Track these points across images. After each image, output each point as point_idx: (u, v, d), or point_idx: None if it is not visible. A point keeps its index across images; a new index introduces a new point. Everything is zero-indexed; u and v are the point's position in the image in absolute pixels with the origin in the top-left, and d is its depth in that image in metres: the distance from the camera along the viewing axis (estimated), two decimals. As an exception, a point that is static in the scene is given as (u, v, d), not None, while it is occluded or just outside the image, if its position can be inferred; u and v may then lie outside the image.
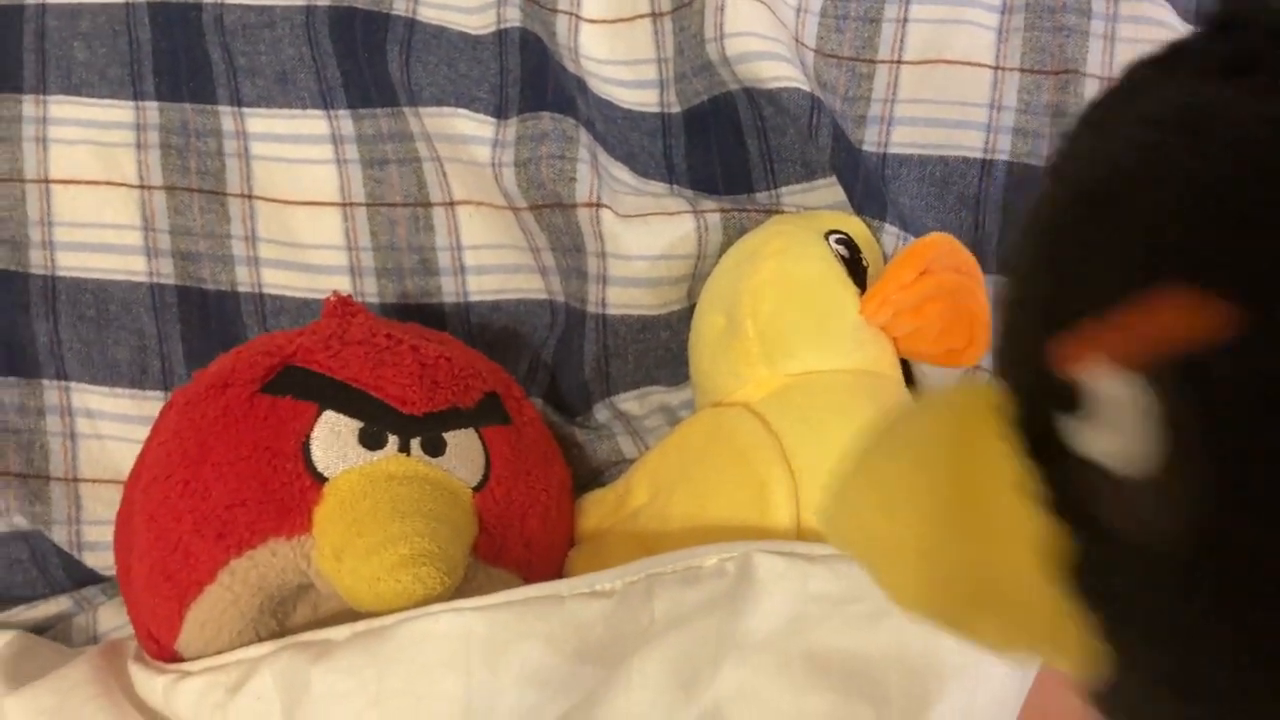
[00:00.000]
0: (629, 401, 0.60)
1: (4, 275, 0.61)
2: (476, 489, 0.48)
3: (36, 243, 0.62)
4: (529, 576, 0.50)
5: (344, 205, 0.62)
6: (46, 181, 0.62)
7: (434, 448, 0.47)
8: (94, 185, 0.62)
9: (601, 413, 0.60)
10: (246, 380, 0.47)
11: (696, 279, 0.57)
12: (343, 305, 0.51)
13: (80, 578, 0.61)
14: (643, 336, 0.58)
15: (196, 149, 0.62)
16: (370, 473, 0.45)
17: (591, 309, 0.58)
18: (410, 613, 0.43)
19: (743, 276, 0.52)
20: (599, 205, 0.57)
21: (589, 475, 0.57)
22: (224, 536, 0.44)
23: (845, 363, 0.51)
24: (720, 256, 0.56)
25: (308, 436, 0.45)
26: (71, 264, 0.62)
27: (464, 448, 0.48)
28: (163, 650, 0.47)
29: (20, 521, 0.60)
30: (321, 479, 0.45)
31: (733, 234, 0.57)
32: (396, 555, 0.42)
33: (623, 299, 0.57)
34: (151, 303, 0.62)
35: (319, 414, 0.46)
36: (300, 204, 0.62)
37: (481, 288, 0.62)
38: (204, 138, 0.62)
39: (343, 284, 0.62)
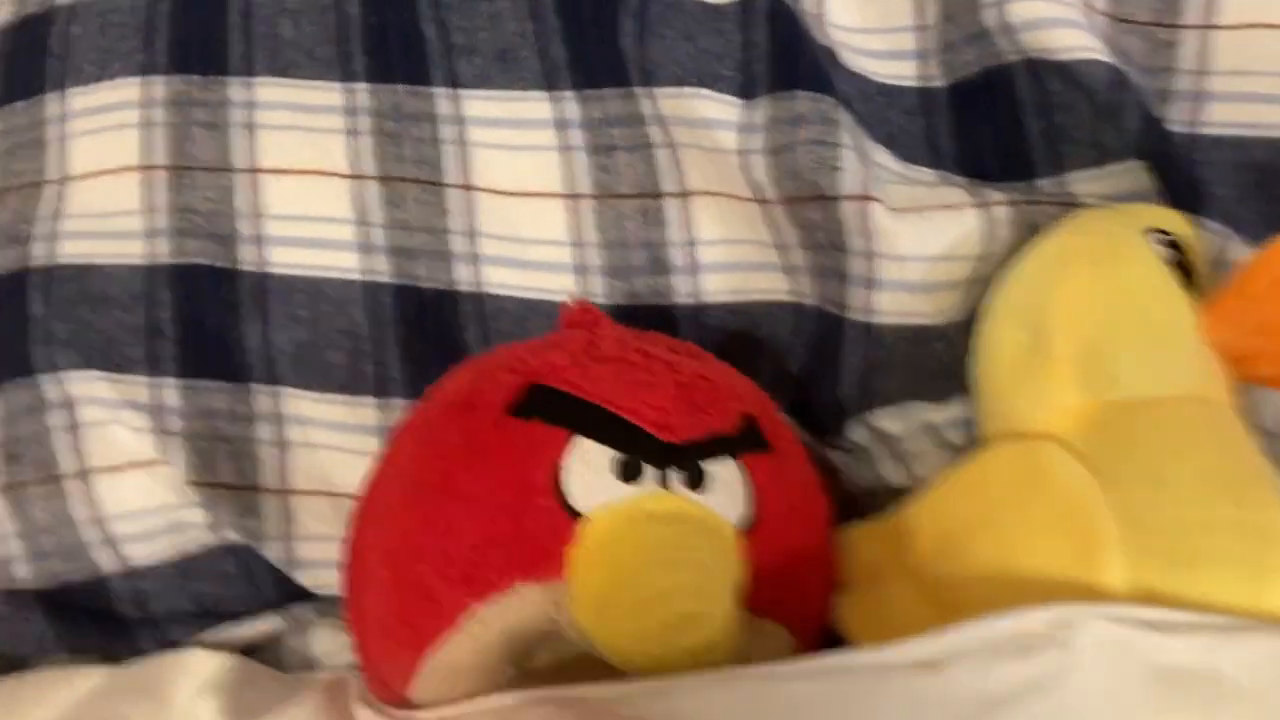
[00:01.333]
0: (888, 419, 0.53)
1: (213, 273, 0.58)
2: (742, 529, 0.42)
3: (247, 238, 0.58)
4: (799, 629, 0.44)
5: (570, 197, 0.56)
6: (255, 171, 0.58)
7: (694, 480, 0.41)
8: (304, 175, 0.58)
9: (857, 432, 0.53)
10: (492, 402, 0.42)
11: (978, 284, 0.50)
12: (584, 313, 0.46)
13: (291, 594, 0.57)
14: (915, 348, 0.51)
15: (411, 135, 0.57)
16: (629, 511, 0.39)
17: (853, 315, 0.51)
18: (688, 679, 0.37)
19: (1050, 285, 0.44)
20: (868, 198, 0.49)
21: (843, 503, 0.51)
22: (472, 580, 0.39)
23: (1177, 388, 0.43)
24: (1008, 257, 0.48)
25: (559, 466, 0.40)
26: (283, 260, 0.58)
27: (726, 480, 0.42)
28: (392, 695, 0.42)
29: (231, 535, 0.57)
30: (576, 515, 0.40)
31: (1023, 231, 0.49)
32: (670, 615, 0.37)
33: (894, 305, 0.50)
34: (366, 303, 0.57)
35: (570, 441, 0.41)
36: (522, 195, 0.57)
37: (718, 287, 0.56)
38: (419, 123, 0.57)
39: (568, 284, 0.56)
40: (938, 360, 0.51)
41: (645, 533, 0.39)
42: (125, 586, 0.58)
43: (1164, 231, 0.46)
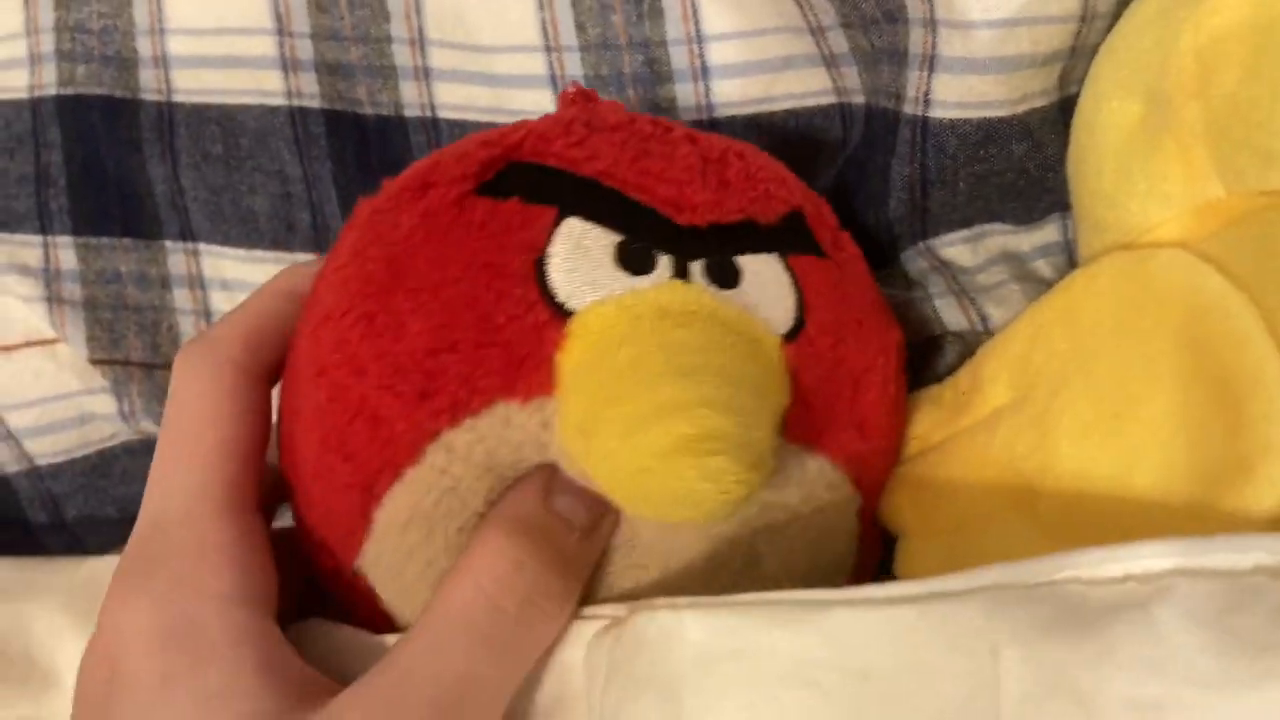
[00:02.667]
0: (956, 246, 0.40)
1: (110, 104, 0.47)
2: (788, 337, 0.31)
3: (147, 59, 0.47)
4: (864, 480, 0.33)
5: (539, -14, 0.44)
6: (157, -24, 0.47)
7: (724, 274, 0.31)
8: (214, -23, 0.46)
9: (914, 262, 0.41)
10: (455, 178, 0.31)
11: (1077, 55, 0.36)
12: (584, 95, 0.35)
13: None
14: (985, 151, 0.38)
15: None
16: (634, 306, 0.29)
17: (910, 110, 0.38)
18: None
19: (1176, 29, 0.31)
20: (921, -59, 0.36)
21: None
22: (430, 396, 0.29)
23: (1365, 169, 0.30)
24: (1116, 14, 0.35)
25: (543, 253, 0.30)
26: (190, 85, 0.46)
27: (766, 278, 0.32)
28: (339, 566, 0.32)
29: (149, 427, 0.47)
30: (564, 313, 0.30)
31: (1138, -23, 0.36)
32: (674, 436, 0.26)
33: (956, 92, 0.37)
34: (293, 134, 0.46)
35: (559, 221, 0.31)
36: (480, -11, 0.45)
37: (734, 95, 0.43)
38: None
39: (543, 100, 0.45)
40: (1018, 168, 0.38)
41: (653, 333, 0.29)
42: (33, 488, 0.49)
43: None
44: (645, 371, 0.27)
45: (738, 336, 0.30)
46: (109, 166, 0.47)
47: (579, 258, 0.30)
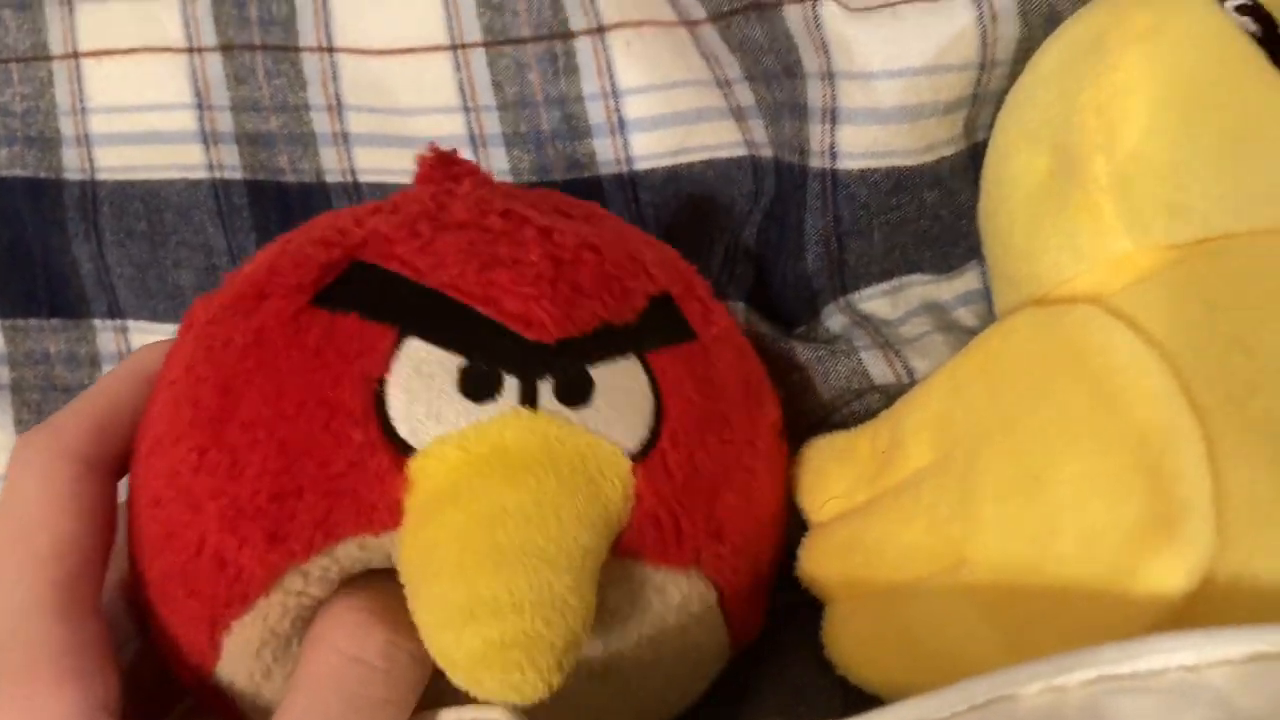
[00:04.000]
0: (876, 300, 0.38)
1: (33, 185, 0.44)
2: (638, 456, 0.28)
3: (70, 139, 0.44)
4: (727, 581, 0.30)
5: (455, 48, 0.42)
6: (76, 56, 0.44)
7: (574, 391, 0.28)
8: (131, 55, 0.44)
9: (834, 318, 0.39)
10: (290, 288, 0.28)
11: (981, 102, 0.34)
12: (444, 163, 0.32)
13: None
14: (896, 200, 0.36)
15: None
16: (474, 447, 0.27)
17: (816, 163, 0.36)
18: None
19: (1081, 81, 0.29)
20: (818, -4, 0.34)
21: (816, 412, 0.36)
22: (279, 540, 0.26)
23: (1272, 218, 0.28)
24: (1019, 64, 0.33)
25: (383, 380, 0.27)
26: (113, 163, 0.44)
27: (621, 387, 0.29)
28: (192, 675, 0.29)
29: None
30: (407, 449, 0.27)
31: (1037, 24, 0.34)
32: (483, 639, 0.24)
33: (862, 142, 0.35)
34: (217, 207, 0.43)
35: (399, 342, 0.27)
36: (396, 53, 0.42)
37: (652, 148, 0.41)
38: (265, -26, 0.43)
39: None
40: (932, 216, 0.36)
41: (485, 495, 0.26)
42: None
43: (1242, -4, 0.30)
44: (467, 552, 0.25)
45: (575, 485, 0.27)
46: (35, 248, 0.44)
47: (420, 386, 0.27)
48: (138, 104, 0.44)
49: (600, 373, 0.28)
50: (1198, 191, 0.28)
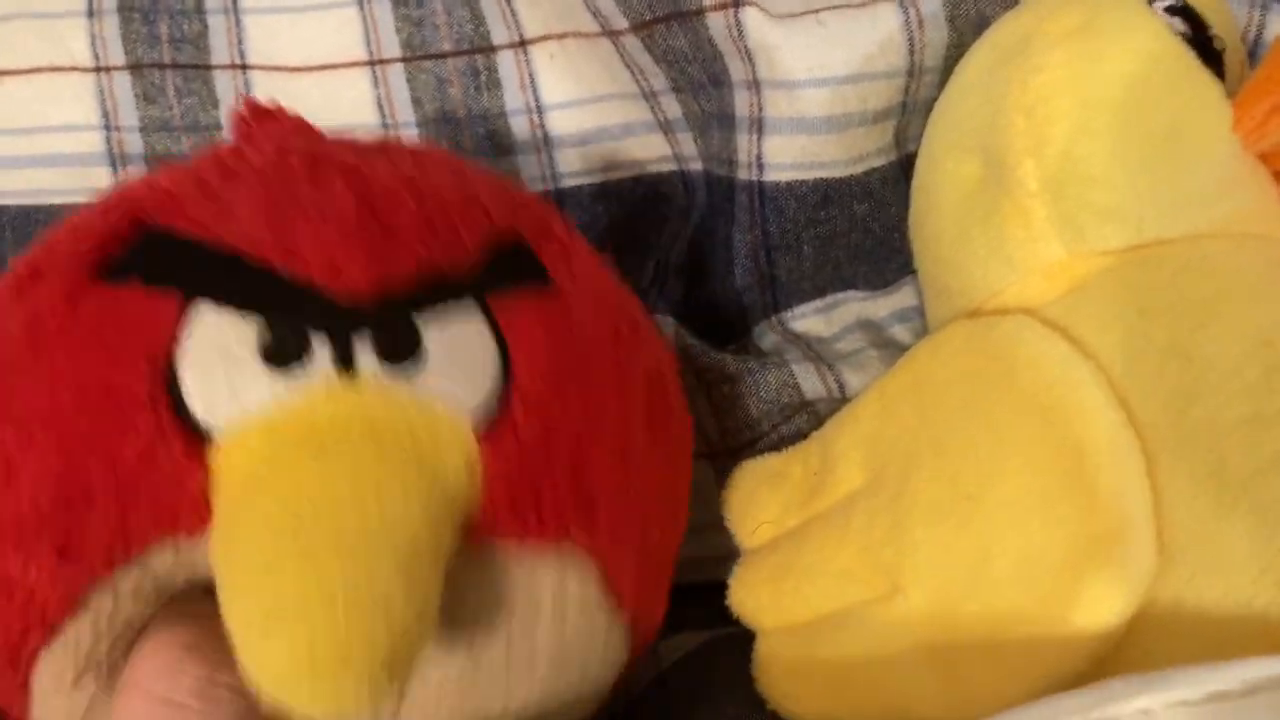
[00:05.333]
0: (809, 317, 0.37)
1: (-69, 211, 0.42)
2: (482, 420, 0.24)
3: (-29, 162, 0.42)
4: (606, 560, 0.25)
5: (373, 64, 0.40)
6: (-23, 76, 0.42)
7: (399, 347, 0.24)
8: (35, 74, 0.42)
9: (766, 337, 0.37)
10: (68, 262, 0.24)
11: (910, 111, 0.33)
12: (259, 117, 0.28)
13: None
14: (825, 213, 0.34)
15: (167, 8, 0.41)
16: (281, 427, 0.23)
17: (744, 175, 0.34)
18: None
19: (1008, 85, 0.28)
20: (739, 3, 0.33)
21: (747, 429, 0.35)
22: (72, 553, 0.23)
23: (1207, 221, 0.27)
24: (947, 70, 0.32)
25: (172, 356, 0.23)
26: (17, 186, 0.41)
27: (458, 340, 0.25)
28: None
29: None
30: (206, 435, 0.23)
31: (965, 30, 0.33)
32: (289, 646, 0.20)
33: (789, 153, 0.33)
34: (125, 230, 0.41)
35: (187, 311, 0.23)
36: (312, 69, 0.40)
37: (578, 165, 0.39)
38: (176, -9, 0.41)
39: (383, 179, 0.40)
40: (863, 229, 0.35)
41: (294, 480, 0.22)
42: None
43: (1172, -3, 0.29)
44: (272, 547, 0.21)
45: (401, 459, 0.23)
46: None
47: (215, 358, 0.23)
48: (42, 125, 0.41)
49: (431, 325, 0.24)
50: (1130, 195, 0.26)
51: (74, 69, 0.41)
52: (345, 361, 0.23)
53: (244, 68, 0.41)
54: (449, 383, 0.24)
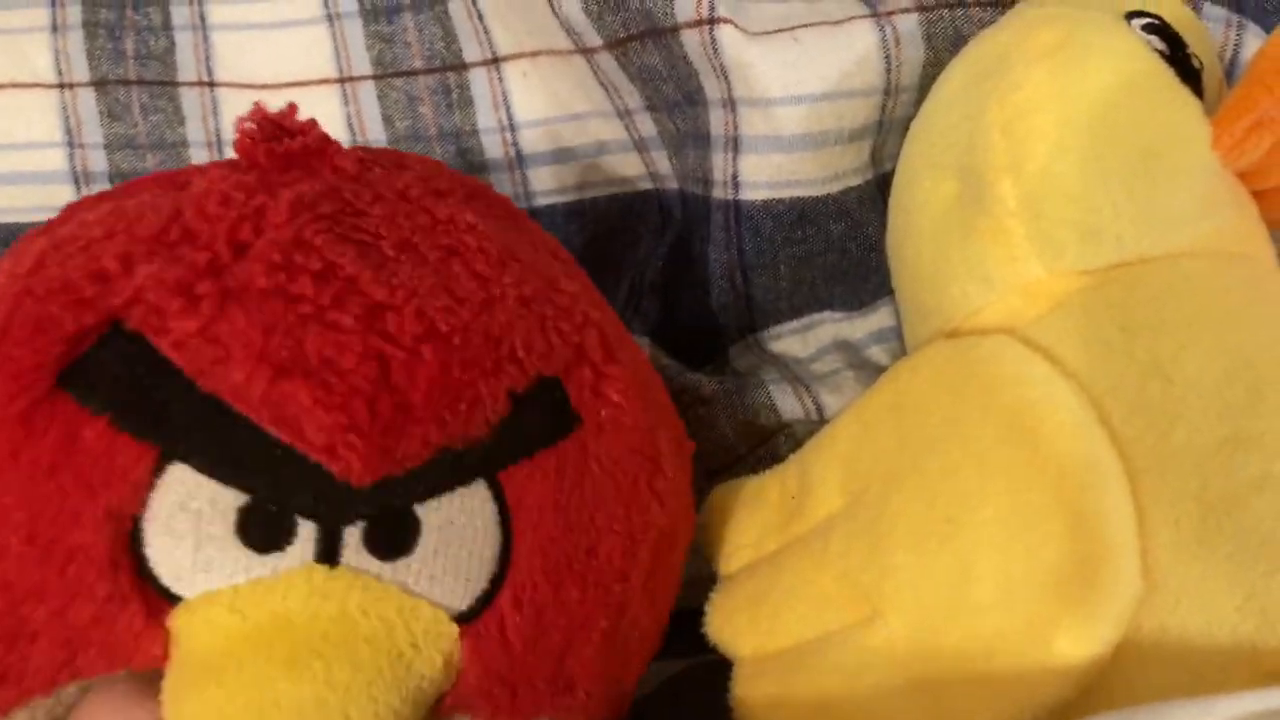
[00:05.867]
0: (786, 338, 0.36)
1: (-111, 229, 0.41)
2: (465, 617, 0.22)
3: (-69, 180, 0.41)
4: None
5: (342, 81, 0.39)
6: (-62, 93, 0.41)
7: (391, 541, 0.22)
8: (-2, 90, 0.41)
9: (743, 357, 0.37)
10: (27, 368, 0.21)
11: (886, 130, 0.33)
12: (272, 131, 0.24)
13: None
14: (802, 232, 0.34)
15: (134, 24, 0.41)
16: (252, 612, 0.21)
17: (719, 194, 0.34)
18: None
19: (986, 103, 0.27)
20: (714, 21, 0.32)
21: (723, 452, 0.34)
22: (10, 681, 0.21)
23: (1187, 240, 0.26)
24: (924, 88, 0.32)
25: (140, 516, 0.21)
26: (-22, 204, 0.41)
27: (457, 527, 0.22)
28: None
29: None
30: (170, 598, 0.21)
31: (942, 47, 0.32)
32: None
33: (765, 172, 0.33)
34: (89, 249, 0.40)
35: (161, 468, 0.21)
36: (281, 86, 0.40)
37: (551, 183, 0.39)
38: (143, 8, 0.41)
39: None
40: (839, 248, 0.34)
41: (255, 684, 0.20)
42: None
43: (1152, 17, 0.29)
44: None
45: (376, 669, 0.21)
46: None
47: (187, 526, 0.21)
48: (3, 143, 0.40)
49: (431, 511, 0.22)
50: (1110, 213, 0.26)
51: (37, 85, 0.40)
52: (329, 554, 0.21)
53: (212, 85, 0.40)
54: (439, 579, 0.22)
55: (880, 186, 0.34)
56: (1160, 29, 0.28)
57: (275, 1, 0.40)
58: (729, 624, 0.29)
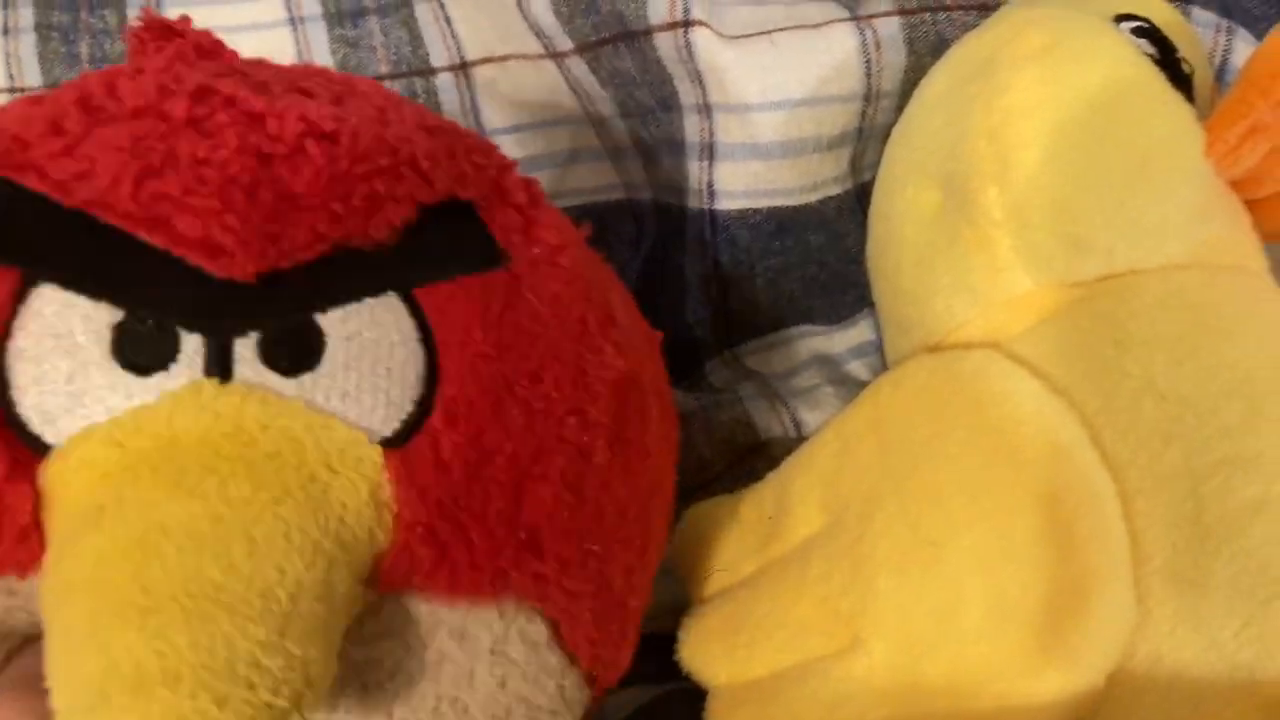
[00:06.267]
0: (763, 352, 0.35)
1: None
2: (395, 441, 0.20)
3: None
4: (556, 605, 0.21)
5: (306, 87, 0.38)
6: (-117, 99, 0.40)
7: (292, 351, 0.19)
8: (-54, 95, 0.39)
9: (719, 371, 0.36)
10: None
11: (867, 137, 0.32)
12: (160, 33, 0.22)
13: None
14: (779, 243, 0.33)
15: (89, 27, 0.39)
16: (132, 441, 0.19)
17: (694, 203, 0.33)
18: None
19: (971, 108, 0.26)
20: (688, 24, 0.31)
21: (698, 470, 0.33)
22: None
23: (1180, 251, 0.25)
24: (905, 94, 0.31)
25: (2, 348, 0.19)
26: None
27: (370, 341, 0.20)
28: None
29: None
30: (39, 448, 0.19)
31: (924, 52, 0.31)
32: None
33: (741, 180, 0.32)
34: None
35: (24, 293, 0.19)
36: (242, 91, 0.38)
37: (522, 194, 0.38)
38: (98, 10, 0.39)
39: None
40: (818, 260, 0.33)
41: (141, 508, 0.18)
42: None
43: (1141, 20, 0.28)
44: (104, 597, 0.17)
45: (282, 489, 0.18)
46: None
47: (56, 353, 0.19)
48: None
49: (336, 321, 0.20)
50: (1100, 223, 0.25)
51: (-14, 90, 0.39)
52: (221, 369, 0.19)
53: (169, 89, 0.39)
54: (354, 395, 0.19)
55: (860, 196, 0.33)
56: (1150, 32, 0.27)
57: (237, 4, 0.39)
58: (704, 651, 0.28)
